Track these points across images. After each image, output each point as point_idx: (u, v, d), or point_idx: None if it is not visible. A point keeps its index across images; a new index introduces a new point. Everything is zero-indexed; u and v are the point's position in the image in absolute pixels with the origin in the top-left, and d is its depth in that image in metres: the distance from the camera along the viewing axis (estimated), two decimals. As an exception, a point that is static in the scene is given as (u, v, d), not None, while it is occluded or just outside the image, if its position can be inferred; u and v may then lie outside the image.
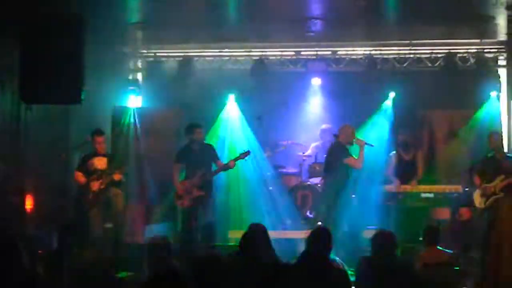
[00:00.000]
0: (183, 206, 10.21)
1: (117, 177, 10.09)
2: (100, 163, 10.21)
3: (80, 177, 10.15)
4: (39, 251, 7.24)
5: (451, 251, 7.74)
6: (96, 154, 10.27)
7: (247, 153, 10.43)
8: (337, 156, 10.14)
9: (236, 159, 10.35)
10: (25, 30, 7.94)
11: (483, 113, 12.15)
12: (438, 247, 7.48)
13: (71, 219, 10.08)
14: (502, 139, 11.04)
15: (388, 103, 12.46)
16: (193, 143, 10.30)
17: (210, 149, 10.51)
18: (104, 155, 10.32)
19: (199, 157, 10.22)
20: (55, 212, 9.97)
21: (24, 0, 8.19)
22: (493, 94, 12.15)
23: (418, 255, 7.29)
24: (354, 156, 10.21)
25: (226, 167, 10.33)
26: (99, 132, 10.38)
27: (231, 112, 12.64)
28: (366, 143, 10.25)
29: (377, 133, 11.87)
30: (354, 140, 10.25)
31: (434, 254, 7.30)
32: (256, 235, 6.50)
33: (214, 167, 10.39)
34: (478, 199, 10.19)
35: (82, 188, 10.10)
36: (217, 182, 10.83)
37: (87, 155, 10.32)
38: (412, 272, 6.33)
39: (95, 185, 10.02)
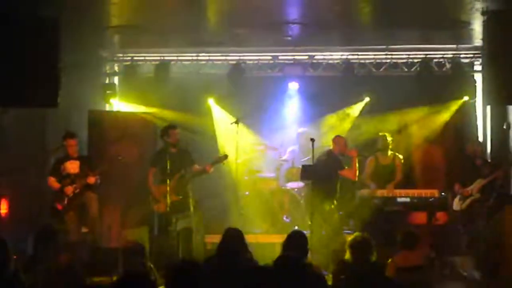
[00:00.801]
0: (160, 210, 10.14)
1: (90, 180, 9.96)
2: (72, 166, 10.09)
3: (54, 182, 10.02)
4: (14, 256, 7.17)
5: (427, 255, 7.78)
6: (68, 157, 10.14)
7: (224, 157, 10.39)
8: (330, 166, 10.13)
9: (213, 163, 10.29)
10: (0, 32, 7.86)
11: (457, 117, 12.29)
12: (414, 251, 7.51)
13: (47, 223, 9.97)
14: (479, 146, 11.14)
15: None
16: (169, 146, 10.24)
17: (186, 153, 10.44)
18: (76, 158, 10.18)
19: (175, 161, 10.14)
20: (31, 217, 9.89)
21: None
22: (465, 98, 12.30)
23: (392, 259, 7.31)
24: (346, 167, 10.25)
25: (203, 171, 10.28)
26: (70, 135, 10.23)
27: (213, 115, 12.72)
28: (358, 154, 10.30)
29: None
30: (346, 151, 10.28)
31: (409, 258, 7.33)
32: (232, 239, 6.50)
33: (190, 172, 10.35)
34: (456, 202, 10.37)
35: (57, 193, 9.98)
36: (194, 187, 10.78)
37: (59, 159, 10.19)
38: (388, 276, 6.36)
39: (69, 190, 9.91)
